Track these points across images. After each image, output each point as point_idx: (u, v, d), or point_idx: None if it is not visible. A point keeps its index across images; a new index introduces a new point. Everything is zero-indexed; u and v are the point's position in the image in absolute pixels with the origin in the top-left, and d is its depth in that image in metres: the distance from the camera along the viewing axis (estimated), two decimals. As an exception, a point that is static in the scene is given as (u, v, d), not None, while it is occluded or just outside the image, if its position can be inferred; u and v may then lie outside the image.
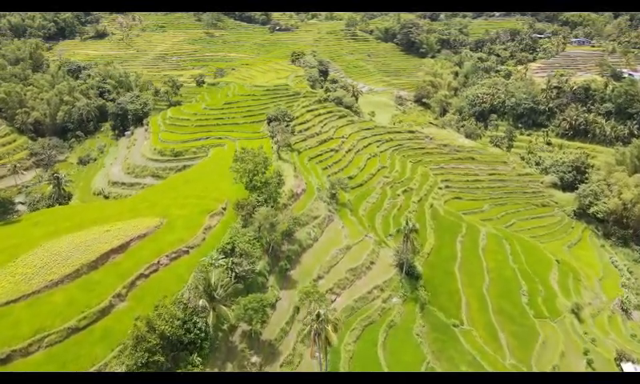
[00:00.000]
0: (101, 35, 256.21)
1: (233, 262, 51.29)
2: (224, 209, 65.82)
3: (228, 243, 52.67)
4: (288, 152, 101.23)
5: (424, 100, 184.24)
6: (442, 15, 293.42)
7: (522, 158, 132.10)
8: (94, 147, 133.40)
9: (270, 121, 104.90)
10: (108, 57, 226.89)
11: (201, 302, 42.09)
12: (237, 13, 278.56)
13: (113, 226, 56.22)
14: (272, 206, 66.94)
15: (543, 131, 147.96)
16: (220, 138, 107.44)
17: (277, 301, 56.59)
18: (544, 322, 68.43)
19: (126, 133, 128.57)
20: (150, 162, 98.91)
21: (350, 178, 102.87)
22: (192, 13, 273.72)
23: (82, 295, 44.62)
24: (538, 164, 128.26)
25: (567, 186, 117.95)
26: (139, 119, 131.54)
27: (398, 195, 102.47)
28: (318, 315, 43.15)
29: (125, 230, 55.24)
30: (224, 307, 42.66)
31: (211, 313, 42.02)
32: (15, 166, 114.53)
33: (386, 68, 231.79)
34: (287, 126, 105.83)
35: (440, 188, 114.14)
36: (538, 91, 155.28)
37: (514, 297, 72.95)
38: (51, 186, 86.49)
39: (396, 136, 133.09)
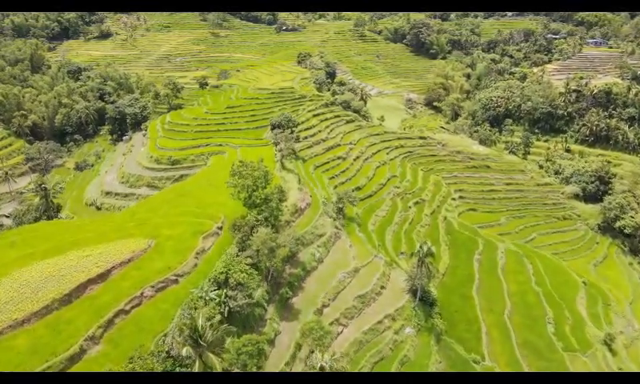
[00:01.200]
0: (105, 35, 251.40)
1: (226, 295, 45.17)
2: (220, 228, 59.72)
3: (221, 273, 46.51)
4: (292, 160, 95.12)
5: (435, 103, 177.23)
6: (453, 15, 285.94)
7: (541, 167, 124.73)
8: (91, 152, 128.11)
9: (273, 127, 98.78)
10: (111, 57, 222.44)
11: (184, 351, 36.04)
12: (243, 13, 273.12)
13: (94, 250, 50.30)
14: (273, 225, 60.82)
15: (562, 137, 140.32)
16: (220, 145, 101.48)
17: (276, 335, 50.38)
18: (574, 356, 61.61)
19: (123, 138, 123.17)
20: (145, 171, 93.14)
21: (359, 188, 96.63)
22: (197, 12, 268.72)
23: (49, 338, 38.68)
24: (557, 173, 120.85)
25: (590, 198, 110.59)
26: (138, 123, 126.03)
27: (410, 207, 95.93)
28: (322, 369, 36.97)
29: (107, 255, 49.29)
30: (212, 355, 36.58)
31: (197, 362, 35.95)
32: (7, 173, 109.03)
33: (395, 69, 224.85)
34: (292, 132, 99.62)
35: (454, 199, 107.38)
36: (555, 95, 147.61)
37: (539, 326, 66.17)
38: (38, 198, 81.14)
39: (406, 142, 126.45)
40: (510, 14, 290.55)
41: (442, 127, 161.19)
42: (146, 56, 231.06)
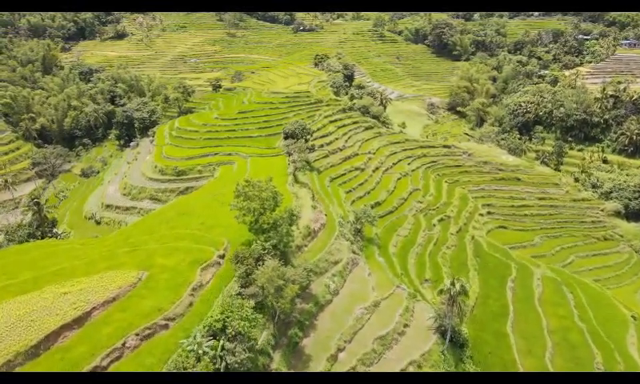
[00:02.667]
0: (120, 36, 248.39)
1: (223, 348, 37.99)
2: (222, 256, 52.65)
3: (218, 320, 39.30)
4: (306, 172, 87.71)
5: (458, 108, 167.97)
6: (477, 15, 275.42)
7: (576, 179, 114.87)
8: (98, 158, 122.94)
9: (286, 136, 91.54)
10: (125, 58, 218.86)
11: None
12: (260, 12, 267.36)
13: (75, 286, 43.71)
14: (282, 252, 53.50)
15: (598, 147, 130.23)
16: (230, 154, 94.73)
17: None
18: (630, 413, 52.69)
19: (131, 143, 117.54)
20: (149, 182, 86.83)
21: (378, 203, 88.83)
22: (214, 12, 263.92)
23: (6, 405, 32.13)
24: (595, 187, 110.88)
25: (633, 215, 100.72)
26: (146, 128, 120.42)
27: (434, 225, 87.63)
28: None
29: (88, 293, 42.63)
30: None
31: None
32: (7, 181, 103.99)
33: (416, 71, 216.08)
34: (306, 141, 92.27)
35: (481, 215, 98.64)
36: (590, 100, 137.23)
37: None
38: (31, 213, 75.49)
39: (429, 151, 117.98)
40: (536, 13, 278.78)
41: (467, 133, 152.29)
42: (161, 57, 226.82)
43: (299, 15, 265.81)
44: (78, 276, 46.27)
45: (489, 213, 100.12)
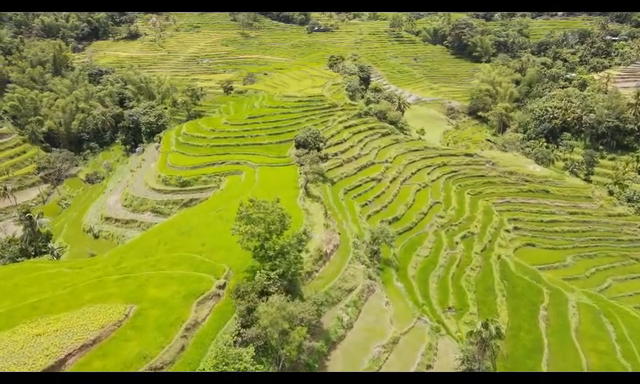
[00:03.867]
0: (133, 36, 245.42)
1: (215, 409, 32.08)
2: (222, 287, 46.77)
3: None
4: (319, 184, 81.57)
5: (480, 113, 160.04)
6: (497, 15, 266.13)
7: (610, 192, 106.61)
8: (103, 163, 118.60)
9: (298, 145, 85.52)
10: (137, 59, 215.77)
11: None
12: (274, 12, 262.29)
13: (52, 325, 38.28)
14: (290, 280, 47.57)
15: (631, 156, 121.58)
16: (238, 163, 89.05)
17: None
18: None
19: (136, 149, 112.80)
20: (151, 193, 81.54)
21: (396, 218, 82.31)
22: (228, 12, 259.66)
23: None
24: (631, 200, 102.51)
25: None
26: (153, 133, 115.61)
27: (457, 243, 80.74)
28: None
29: (65, 334, 37.13)
30: None
31: None
32: (5, 188, 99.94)
33: (435, 73, 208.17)
34: (318, 150, 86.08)
35: (507, 231, 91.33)
36: (624, 106, 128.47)
37: (637, 426, 50.09)
38: (22, 227, 70.82)
39: (450, 160, 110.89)
40: (560, 13, 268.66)
41: (489, 140, 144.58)
42: (173, 57, 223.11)
43: (314, 15, 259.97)
44: (57, 311, 40.85)
45: (515, 228, 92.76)
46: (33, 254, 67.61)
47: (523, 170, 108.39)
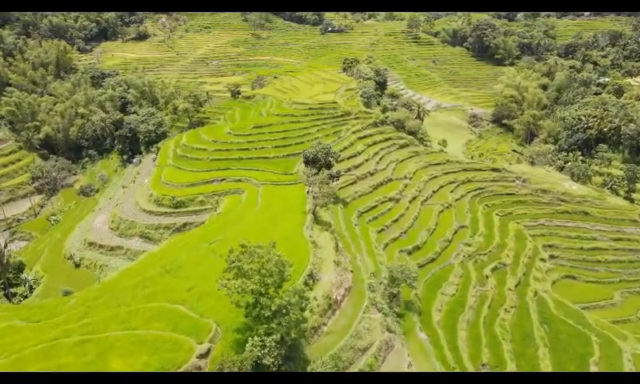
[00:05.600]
0: (142, 37, 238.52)
1: None
2: (204, 355, 37.33)
3: None
4: (330, 205, 71.80)
5: (504, 121, 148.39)
6: (520, 15, 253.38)
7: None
8: (99, 174, 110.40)
9: (307, 161, 75.95)
10: (145, 60, 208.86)
11: None
12: (287, 12, 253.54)
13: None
14: (291, 346, 38.14)
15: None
16: (239, 180, 79.90)
17: None
18: None
19: (133, 160, 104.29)
20: (141, 215, 72.64)
21: (417, 247, 72.38)
22: (239, 13, 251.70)
23: None
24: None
25: None
26: (152, 142, 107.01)
27: (487, 277, 70.27)
28: None
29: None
30: None
31: None
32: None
33: (454, 77, 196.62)
34: (329, 166, 76.31)
35: (543, 260, 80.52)
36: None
37: None
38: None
39: (475, 175, 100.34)
40: (586, 13, 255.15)
41: (515, 151, 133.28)
42: (182, 59, 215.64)
43: (328, 15, 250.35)
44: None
45: (552, 257, 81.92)
46: (3, 288, 59.31)
47: (558, 188, 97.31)
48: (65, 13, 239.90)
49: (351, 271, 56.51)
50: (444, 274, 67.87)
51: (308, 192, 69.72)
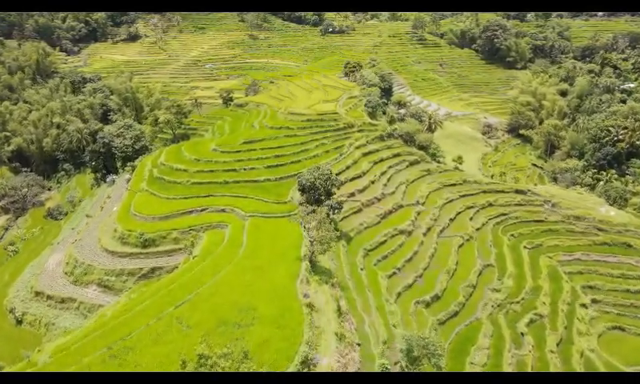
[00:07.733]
0: (133, 38, 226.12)
1: None
2: None
3: None
4: (331, 246, 58.92)
5: (522, 131, 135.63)
6: (530, 15, 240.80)
7: None
8: (68, 195, 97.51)
9: (303, 189, 63.20)
10: (134, 63, 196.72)
11: None
12: (285, 12, 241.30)
13: None
14: None
15: None
16: (223, 211, 67.14)
17: None
18: None
19: (107, 179, 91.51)
20: (102, 257, 59.73)
21: (437, 297, 59.52)
22: (236, 13, 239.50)
23: None
24: None
25: None
26: (129, 159, 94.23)
27: (522, 335, 57.48)
28: None
29: None
30: None
31: None
32: None
33: (464, 81, 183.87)
34: (330, 196, 63.61)
35: (584, 306, 67.65)
36: None
37: None
38: None
39: (497, 198, 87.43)
40: (600, 13, 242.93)
41: (535, 165, 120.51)
42: (173, 61, 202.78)
43: (328, 15, 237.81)
44: None
45: (594, 301, 69.03)
46: None
47: (594, 214, 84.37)
48: (52, 13, 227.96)
49: (358, 344, 43.78)
50: (471, 334, 55.06)
51: (304, 231, 56.96)
